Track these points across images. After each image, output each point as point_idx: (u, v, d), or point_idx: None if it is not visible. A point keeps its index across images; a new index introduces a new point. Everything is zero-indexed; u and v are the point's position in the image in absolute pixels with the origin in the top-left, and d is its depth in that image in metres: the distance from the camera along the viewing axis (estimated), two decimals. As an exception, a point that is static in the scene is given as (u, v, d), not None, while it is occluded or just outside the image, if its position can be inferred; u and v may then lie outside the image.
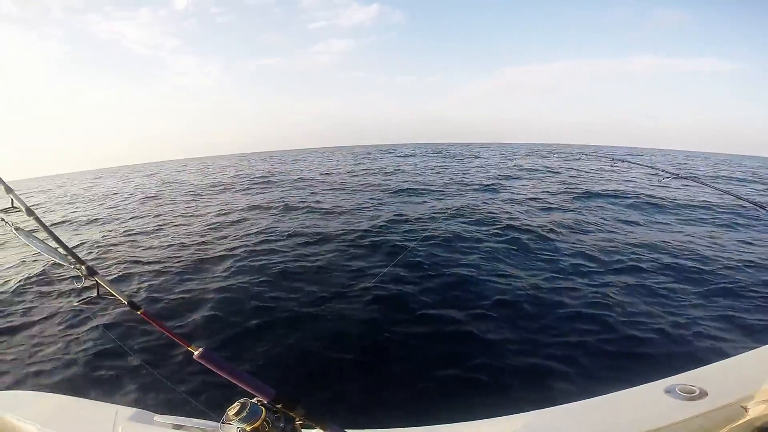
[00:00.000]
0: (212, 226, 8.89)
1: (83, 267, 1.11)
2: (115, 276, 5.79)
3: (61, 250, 1.13)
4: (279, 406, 0.94)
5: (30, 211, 1.17)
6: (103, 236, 8.66)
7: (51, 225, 10.71)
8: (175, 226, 9.36)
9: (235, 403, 0.93)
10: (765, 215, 8.63)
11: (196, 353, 0.94)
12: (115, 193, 18.54)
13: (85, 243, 8.13)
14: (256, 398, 0.94)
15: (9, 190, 1.19)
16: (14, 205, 1.18)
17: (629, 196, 10.98)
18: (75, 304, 4.52)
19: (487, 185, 13.57)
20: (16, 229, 1.23)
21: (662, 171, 3.13)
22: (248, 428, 0.90)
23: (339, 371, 3.30)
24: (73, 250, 1.13)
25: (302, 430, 0.98)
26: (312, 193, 13.43)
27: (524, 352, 3.45)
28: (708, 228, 7.85)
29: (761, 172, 23.74)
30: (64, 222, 11.14)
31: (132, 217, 11.04)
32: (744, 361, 1.57)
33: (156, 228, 9.22)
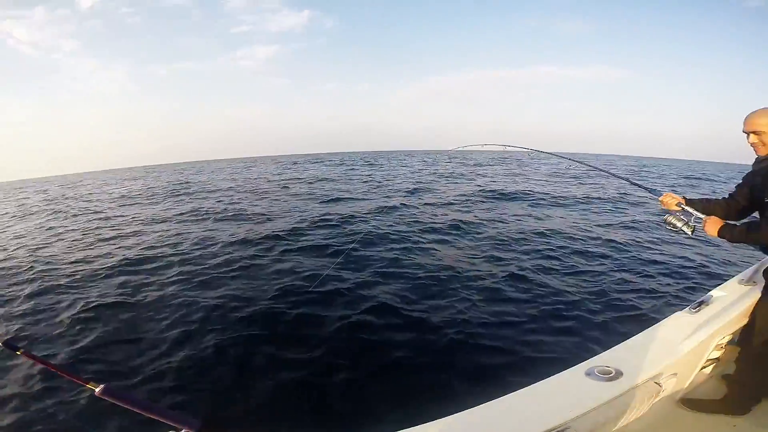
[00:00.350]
0: (116, 242, 7.94)
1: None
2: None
3: None
4: (208, 436, 0.83)
5: None
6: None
7: None
8: (72, 242, 8.22)
9: (162, 438, 0.80)
10: (641, 201, 10.50)
11: (97, 390, 0.79)
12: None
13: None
14: (184, 430, 0.82)
15: None
16: None
17: (533, 195, 12.16)
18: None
19: (411, 190, 14.09)
20: None
21: (569, 159, 3.46)
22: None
23: (272, 380, 3.13)
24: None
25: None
26: (232, 202, 12.69)
27: (455, 334, 3.64)
28: (597, 216, 9.11)
29: (632, 169, 29.80)
30: None
31: (13, 238, 9.46)
32: (645, 339, 1.73)
33: (44, 247, 8.01)
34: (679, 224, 1.96)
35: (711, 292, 2.04)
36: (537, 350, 3.38)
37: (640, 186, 2.36)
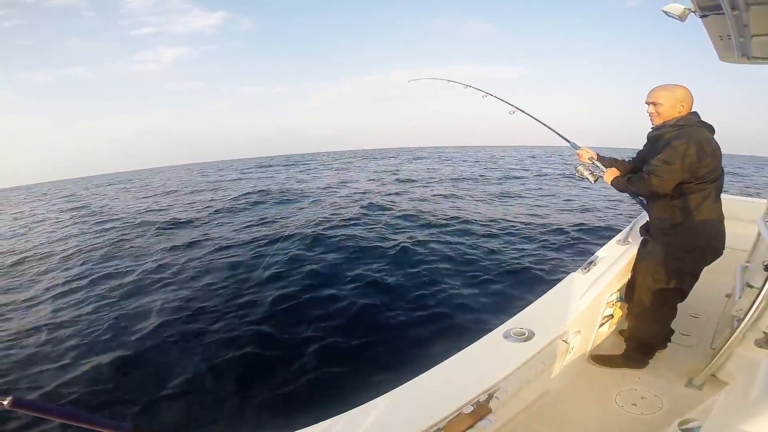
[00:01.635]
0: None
1: None
2: None
3: None
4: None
5: None
6: None
7: None
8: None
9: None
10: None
11: (5, 402, 0.70)
12: None
13: None
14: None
15: None
16: None
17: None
18: None
19: (324, 187, 14.16)
20: None
21: (512, 106, 2.91)
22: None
23: (204, 375, 3.04)
24: None
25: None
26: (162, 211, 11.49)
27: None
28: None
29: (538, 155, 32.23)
30: None
31: None
32: (549, 299, 1.87)
33: None
34: (585, 173, 2.22)
35: (597, 253, 2.25)
36: (459, 314, 3.69)
37: (564, 137, 2.54)
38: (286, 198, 11.78)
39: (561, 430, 1.61)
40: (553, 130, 2.67)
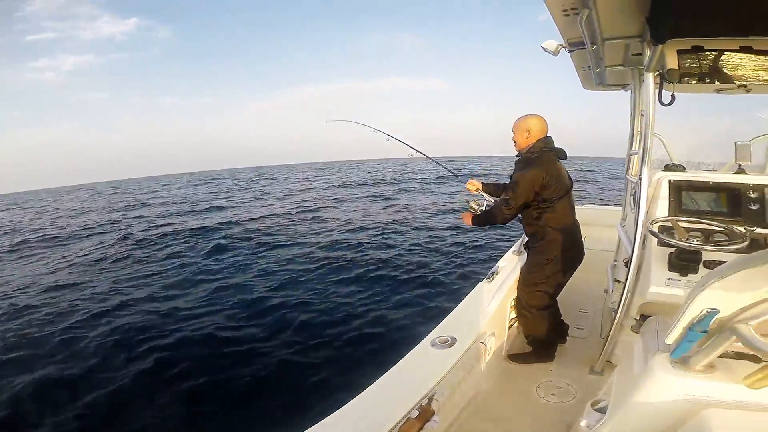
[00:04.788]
0: None
1: None
2: None
3: None
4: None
5: None
6: None
7: None
8: None
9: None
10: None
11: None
12: None
13: None
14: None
15: None
16: None
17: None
18: None
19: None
20: None
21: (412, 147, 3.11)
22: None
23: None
24: None
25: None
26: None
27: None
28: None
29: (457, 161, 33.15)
30: None
31: None
32: (464, 307, 1.98)
33: None
34: (476, 206, 2.27)
35: (498, 263, 2.41)
36: (387, 331, 3.72)
37: (452, 172, 2.67)
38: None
39: (499, 423, 1.72)
40: (440, 164, 2.83)
